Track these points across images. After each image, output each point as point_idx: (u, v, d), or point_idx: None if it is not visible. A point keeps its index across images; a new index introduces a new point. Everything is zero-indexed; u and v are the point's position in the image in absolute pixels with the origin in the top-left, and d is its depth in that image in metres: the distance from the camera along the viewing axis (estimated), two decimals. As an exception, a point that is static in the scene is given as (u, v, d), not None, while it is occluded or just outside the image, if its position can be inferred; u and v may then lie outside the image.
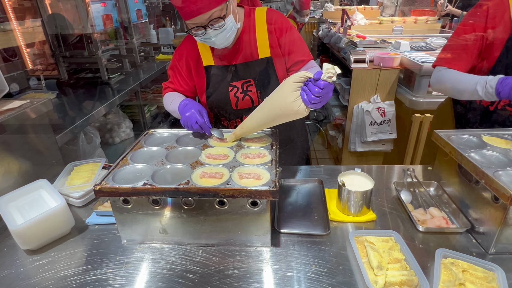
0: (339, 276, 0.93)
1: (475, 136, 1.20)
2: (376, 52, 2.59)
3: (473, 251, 0.99)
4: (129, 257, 1.02)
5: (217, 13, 1.16)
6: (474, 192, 1.05)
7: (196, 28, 1.19)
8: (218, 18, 1.17)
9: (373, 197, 1.24)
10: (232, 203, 0.96)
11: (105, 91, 2.62)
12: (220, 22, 1.18)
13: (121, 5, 3.12)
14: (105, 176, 1.00)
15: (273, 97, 1.10)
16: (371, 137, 2.61)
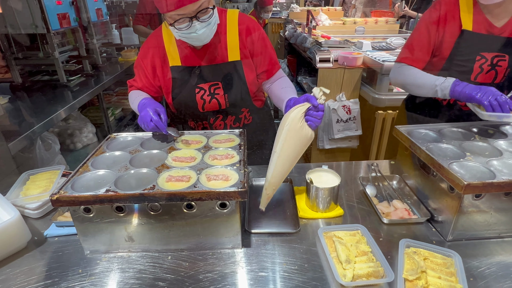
0: (310, 273, 0.94)
1: (432, 130, 1.27)
2: (340, 52, 2.67)
3: (433, 239, 1.05)
4: (93, 268, 0.97)
5: (206, 3, 1.13)
6: (432, 184, 1.11)
7: (181, 20, 1.13)
8: (207, 8, 1.14)
9: (340, 192, 1.27)
10: (200, 206, 0.94)
11: (64, 94, 2.47)
12: (208, 13, 1.15)
13: (79, 3, 2.96)
14: (63, 184, 0.94)
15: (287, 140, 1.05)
16: (338, 134, 2.68)
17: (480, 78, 1.38)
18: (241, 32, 1.34)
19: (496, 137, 1.21)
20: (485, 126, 1.29)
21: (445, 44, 1.40)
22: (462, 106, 1.49)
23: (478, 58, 1.36)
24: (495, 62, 1.36)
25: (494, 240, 1.03)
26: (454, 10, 1.38)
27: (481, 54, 1.35)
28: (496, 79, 1.39)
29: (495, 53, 1.35)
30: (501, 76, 1.38)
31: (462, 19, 1.36)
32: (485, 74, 1.37)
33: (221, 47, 1.35)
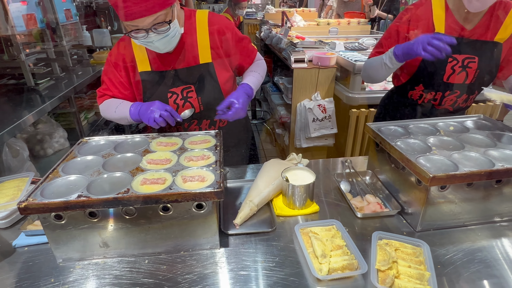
0: (287, 269, 0.96)
1: (400, 126, 1.32)
2: (314, 52, 2.72)
3: (404, 231, 1.09)
4: (66, 277, 0.94)
5: (161, 17, 1.10)
6: (402, 178, 1.16)
7: (136, 30, 1.11)
8: (162, 22, 1.11)
9: (316, 189, 1.30)
10: (176, 208, 0.94)
11: (32, 98, 2.37)
12: (164, 26, 1.12)
13: (46, 4, 2.85)
14: (32, 191, 0.91)
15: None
16: (315, 133, 2.73)
17: (452, 78, 1.44)
18: (212, 32, 1.33)
19: (458, 131, 1.28)
20: (449, 121, 1.36)
21: None
22: (435, 105, 1.58)
23: (450, 60, 1.41)
24: (465, 63, 1.41)
25: (459, 229, 1.09)
26: (427, 13, 1.43)
27: (453, 56, 1.41)
28: (467, 80, 1.46)
29: (466, 55, 1.41)
30: (471, 77, 1.45)
31: (435, 22, 1.41)
32: (456, 75, 1.43)
33: (192, 49, 1.33)
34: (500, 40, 1.40)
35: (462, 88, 1.48)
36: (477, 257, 0.98)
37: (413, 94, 1.54)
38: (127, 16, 1.05)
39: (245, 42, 1.45)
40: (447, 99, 1.52)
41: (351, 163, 1.39)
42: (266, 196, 1.18)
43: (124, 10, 1.04)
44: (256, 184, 1.22)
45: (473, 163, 1.05)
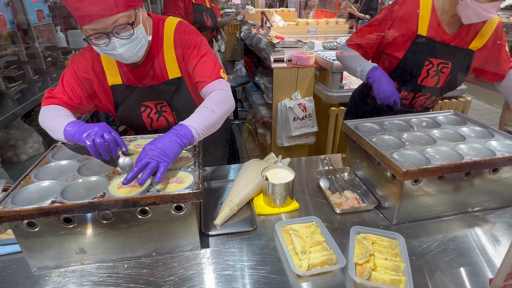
0: (268, 266, 0.96)
1: (376, 123, 1.36)
2: (293, 52, 2.75)
3: (381, 225, 1.13)
4: (41, 286, 0.91)
5: (124, 18, 1.01)
6: (378, 173, 1.19)
7: (97, 35, 1.01)
8: (125, 24, 1.02)
9: (297, 187, 1.32)
10: (155, 211, 0.93)
11: (3, 102, 2.28)
12: (128, 30, 1.04)
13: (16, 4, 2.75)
14: (2, 199, 0.88)
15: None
16: (296, 132, 2.76)
17: (425, 81, 1.49)
18: (176, 44, 1.23)
19: (430, 126, 1.33)
20: (422, 117, 1.41)
21: (399, 46, 1.47)
22: (405, 104, 1.63)
23: (426, 63, 1.45)
24: (439, 68, 1.45)
25: (433, 220, 1.14)
26: (414, 13, 1.43)
27: (429, 60, 1.44)
28: (438, 84, 1.51)
29: (441, 60, 1.44)
30: (442, 81, 1.50)
31: (419, 23, 1.42)
32: (430, 78, 1.48)
33: (159, 63, 1.24)
34: (474, 48, 1.44)
35: (432, 91, 1.53)
36: (450, 247, 1.03)
37: None
38: (85, 18, 0.97)
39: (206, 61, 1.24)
40: (418, 100, 1.57)
41: (330, 160, 1.42)
42: (246, 195, 1.19)
43: (80, 11, 0.96)
44: (236, 184, 1.23)
45: (444, 157, 1.09)
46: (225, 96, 1.19)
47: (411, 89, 1.53)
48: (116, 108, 1.32)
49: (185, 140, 0.99)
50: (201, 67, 1.22)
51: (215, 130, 1.13)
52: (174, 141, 0.97)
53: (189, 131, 1.01)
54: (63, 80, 1.23)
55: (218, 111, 1.11)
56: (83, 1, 0.95)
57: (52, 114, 1.15)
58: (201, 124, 1.05)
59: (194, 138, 1.02)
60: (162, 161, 0.93)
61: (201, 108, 1.11)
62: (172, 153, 0.95)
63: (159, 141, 0.96)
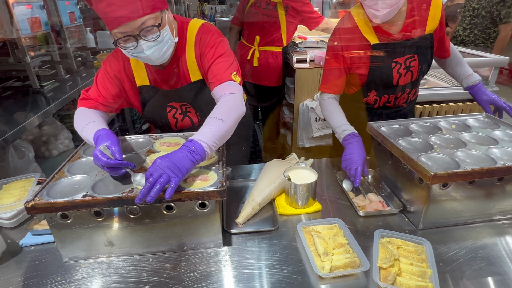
0: (290, 267, 0.97)
1: (402, 125, 1.33)
2: (316, 52, 2.73)
3: (406, 229, 1.10)
4: (72, 275, 0.96)
5: (150, 21, 1.03)
6: (403, 176, 1.16)
7: (125, 38, 1.04)
8: (152, 27, 1.03)
9: (318, 188, 1.31)
10: (180, 207, 0.95)
11: (37, 100, 2.40)
12: (154, 32, 1.05)
13: (51, 7, 2.89)
14: (38, 191, 0.93)
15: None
16: (317, 133, 2.74)
17: (401, 81, 1.49)
18: (196, 44, 1.23)
19: (460, 129, 1.28)
20: (451, 119, 1.36)
21: (360, 63, 1.48)
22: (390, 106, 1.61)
23: (393, 66, 1.46)
24: (408, 64, 1.46)
25: (461, 227, 1.10)
26: (356, 32, 1.46)
27: (394, 61, 1.45)
28: (413, 77, 1.51)
29: (406, 56, 1.45)
30: (416, 74, 1.50)
31: (366, 37, 1.43)
32: (403, 76, 1.48)
33: (183, 66, 1.25)
34: (431, 31, 1.45)
35: (410, 85, 1.54)
36: (480, 255, 0.99)
37: (368, 100, 1.58)
38: (113, 22, 1.00)
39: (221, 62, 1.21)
40: (400, 98, 1.57)
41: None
42: (268, 195, 1.19)
43: (109, 16, 0.99)
44: (258, 184, 1.23)
45: (475, 161, 1.05)
46: (234, 101, 1.13)
47: (391, 92, 1.54)
48: (143, 107, 1.36)
49: (197, 156, 0.94)
50: (214, 68, 1.20)
51: (227, 139, 1.09)
52: (186, 157, 0.92)
53: (200, 147, 0.96)
54: (97, 81, 1.28)
55: (228, 120, 1.06)
56: (112, 5, 0.99)
57: (82, 123, 1.16)
58: (212, 137, 1.00)
59: (206, 153, 0.98)
60: (173, 176, 0.88)
61: (211, 118, 1.06)
62: (184, 168, 0.91)
63: (171, 155, 0.92)
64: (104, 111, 1.28)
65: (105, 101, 1.27)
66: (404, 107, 1.65)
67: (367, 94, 1.55)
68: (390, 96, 1.54)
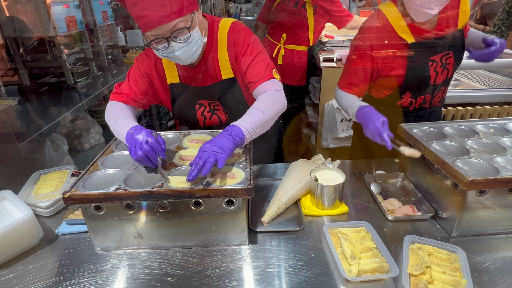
0: (315, 268, 0.95)
1: (435, 128, 1.28)
2: (343, 51, 2.68)
3: (438, 236, 1.06)
4: (103, 264, 1.00)
5: (181, 23, 1.06)
6: (436, 181, 1.12)
7: (157, 40, 1.08)
8: (182, 29, 1.07)
9: (345, 190, 1.28)
10: (207, 203, 0.96)
11: (72, 96, 2.51)
12: (185, 34, 1.09)
13: (86, 6, 3.01)
14: (75, 183, 0.97)
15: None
16: (342, 134, 2.69)
17: (438, 80, 1.45)
18: (229, 45, 1.25)
19: (500, 134, 1.21)
20: (489, 123, 1.29)
21: (396, 64, 1.42)
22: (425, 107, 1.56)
23: (430, 64, 1.41)
24: (444, 61, 1.42)
25: (498, 236, 1.04)
26: (389, 31, 1.40)
27: (431, 59, 1.41)
28: (449, 75, 1.47)
29: (442, 53, 1.41)
30: (451, 71, 1.47)
31: (400, 35, 1.39)
32: (440, 74, 1.44)
33: (213, 64, 1.27)
34: (461, 26, 1.41)
35: (445, 83, 1.50)
36: (518, 267, 0.93)
37: (402, 103, 1.53)
38: (147, 25, 1.04)
39: (259, 61, 1.24)
40: (436, 97, 1.53)
41: (383, 164, 1.36)
42: (294, 195, 1.19)
43: (143, 19, 1.03)
44: (284, 183, 1.23)
45: (516, 168, 0.99)
46: (277, 96, 1.19)
47: (428, 92, 1.49)
48: (173, 105, 1.40)
49: (237, 138, 1.02)
50: (254, 68, 1.23)
51: (266, 129, 1.14)
52: (227, 139, 1.00)
53: (239, 130, 1.04)
54: (129, 77, 1.33)
55: (269, 111, 1.12)
56: (145, 10, 1.02)
57: (116, 116, 1.22)
58: (252, 123, 1.07)
59: (245, 137, 1.05)
60: (220, 154, 0.96)
61: (252, 108, 1.13)
62: (227, 148, 0.98)
63: (214, 140, 1.00)
64: (133, 106, 1.34)
65: (135, 96, 1.32)
66: (438, 107, 1.60)
67: (401, 97, 1.50)
68: (427, 96, 1.49)
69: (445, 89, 1.55)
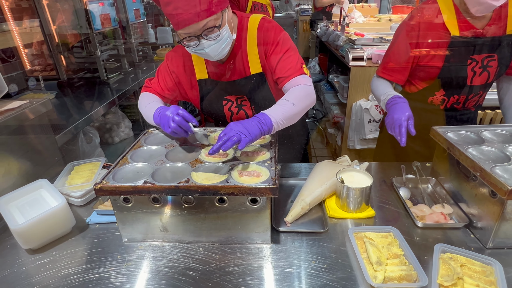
0: (339, 272, 0.93)
1: (472, 132, 1.21)
2: (374, 50, 2.60)
3: (471, 246, 1.00)
4: (130, 255, 1.03)
5: (211, 22, 1.09)
6: (472, 188, 1.05)
7: (188, 38, 1.12)
8: (213, 27, 1.09)
9: (372, 193, 1.25)
10: (232, 201, 0.97)
11: (104, 91, 2.62)
12: (215, 32, 1.11)
13: (119, 4, 3.12)
14: (106, 175, 1.01)
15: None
16: (370, 135, 2.61)
17: (475, 81, 1.37)
18: (259, 40, 1.26)
19: (545, 140, 1.13)
20: (533, 128, 1.21)
21: (434, 55, 1.37)
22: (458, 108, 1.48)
23: (469, 62, 1.34)
24: (485, 63, 1.34)
25: (540, 251, 0.97)
26: (438, 18, 1.34)
27: (471, 58, 1.33)
28: (489, 79, 1.38)
29: (485, 54, 1.33)
30: (493, 75, 1.37)
31: (447, 26, 1.32)
32: (478, 76, 1.36)
33: (242, 59, 1.29)
34: (510, 32, 1.31)
35: (484, 88, 1.41)
36: (562, 285, 0.86)
37: (434, 100, 1.45)
38: (179, 24, 1.07)
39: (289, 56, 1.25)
40: (471, 101, 1.44)
41: (420, 166, 1.30)
42: (318, 196, 1.17)
43: (175, 18, 1.06)
44: (308, 183, 1.21)
45: None
46: (307, 91, 1.20)
47: (463, 92, 1.41)
48: (201, 100, 1.42)
49: (264, 127, 1.05)
50: (284, 63, 1.24)
51: (293, 122, 1.16)
52: (255, 125, 1.04)
53: (268, 119, 1.07)
54: (158, 73, 1.40)
55: (298, 105, 1.15)
56: (178, 9, 1.05)
57: (145, 102, 1.33)
58: (281, 115, 1.10)
59: (273, 127, 1.08)
60: (244, 136, 1.00)
61: (282, 100, 1.15)
62: (253, 133, 1.02)
63: (242, 122, 1.04)
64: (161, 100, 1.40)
65: (162, 92, 1.39)
66: (471, 111, 1.51)
67: (433, 93, 1.44)
68: (460, 97, 1.41)
69: (483, 94, 1.46)
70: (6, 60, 2.36)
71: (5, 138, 1.30)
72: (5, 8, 2.34)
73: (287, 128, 1.52)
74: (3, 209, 1.08)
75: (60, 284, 0.94)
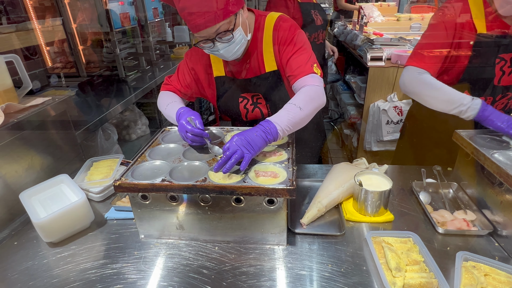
0: (355, 277, 0.92)
1: (497, 136, 1.16)
2: (393, 50, 2.54)
3: (496, 255, 0.96)
4: (146, 251, 1.04)
5: (224, 26, 1.11)
6: (497, 194, 1.02)
7: (204, 41, 1.15)
8: (225, 31, 1.12)
9: (390, 197, 1.22)
10: (248, 201, 0.96)
11: (122, 88, 2.66)
12: (228, 35, 1.14)
13: (138, 3, 3.16)
14: (124, 172, 1.02)
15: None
16: (387, 136, 2.56)
17: (503, 81, 1.30)
18: (274, 38, 1.27)
19: None
20: None
21: (461, 52, 1.31)
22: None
23: (497, 61, 1.27)
24: None
25: None
26: (466, 15, 1.29)
27: (499, 57, 1.27)
28: None
29: None
30: None
31: (475, 23, 1.27)
32: (507, 76, 1.29)
33: (258, 57, 1.30)
34: None
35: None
36: None
37: None
38: (193, 28, 1.11)
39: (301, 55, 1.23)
40: (499, 103, 1.37)
41: (441, 171, 1.27)
42: (335, 198, 1.15)
43: (191, 23, 1.10)
44: (325, 185, 1.19)
45: None
46: (315, 92, 1.16)
47: (490, 93, 1.34)
48: (218, 97, 1.44)
49: (269, 136, 1.03)
50: (295, 61, 1.23)
51: (301, 126, 1.14)
52: (260, 136, 1.02)
53: (274, 128, 1.04)
54: (178, 70, 1.43)
55: (306, 108, 1.11)
56: (192, 15, 1.08)
57: (165, 102, 1.35)
58: (287, 121, 1.07)
59: (278, 135, 1.05)
60: (247, 152, 0.99)
61: (289, 104, 1.12)
62: (256, 146, 1.01)
63: (246, 133, 1.02)
64: (180, 96, 1.43)
65: (181, 88, 1.42)
66: None
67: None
68: (488, 98, 1.35)
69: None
70: (29, 57, 2.43)
71: (29, 133, 1.34)
72: (29, 7, 2.41)
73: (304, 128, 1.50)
74: (26, 202, 1.11)
75: (78, 278, 0.96)
